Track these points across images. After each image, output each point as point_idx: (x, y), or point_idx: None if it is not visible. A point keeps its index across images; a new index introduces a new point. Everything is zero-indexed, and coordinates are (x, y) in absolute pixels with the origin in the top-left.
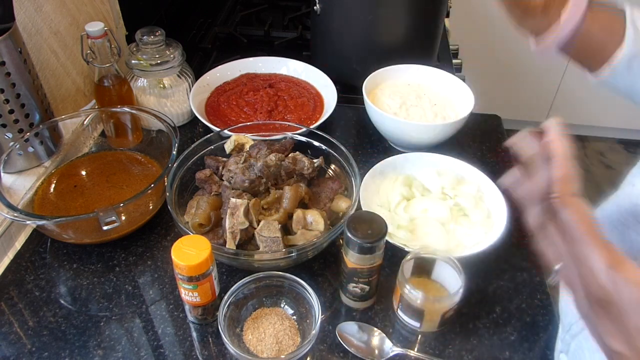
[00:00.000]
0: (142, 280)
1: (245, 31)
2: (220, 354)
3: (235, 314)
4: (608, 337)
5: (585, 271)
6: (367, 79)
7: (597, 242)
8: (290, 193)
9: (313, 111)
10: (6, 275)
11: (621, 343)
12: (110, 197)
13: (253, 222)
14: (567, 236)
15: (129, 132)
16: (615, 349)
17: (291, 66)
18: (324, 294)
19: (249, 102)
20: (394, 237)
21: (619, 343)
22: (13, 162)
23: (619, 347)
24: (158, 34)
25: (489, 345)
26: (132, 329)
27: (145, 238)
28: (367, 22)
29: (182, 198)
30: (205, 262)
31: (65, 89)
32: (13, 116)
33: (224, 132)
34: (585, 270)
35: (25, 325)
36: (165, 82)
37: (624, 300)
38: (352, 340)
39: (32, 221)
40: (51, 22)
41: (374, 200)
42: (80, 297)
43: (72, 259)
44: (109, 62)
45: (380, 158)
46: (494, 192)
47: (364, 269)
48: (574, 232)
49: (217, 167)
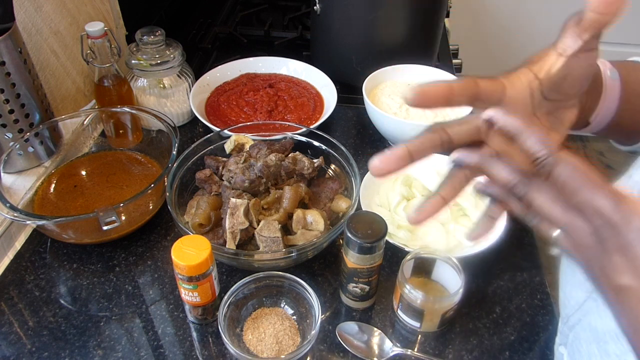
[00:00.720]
0: (142, 280)
1: (245, 31)
2: (220, 354)
3: (235, 314)
4: (616, 273)
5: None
6: (367, 79)
7: (599, 183)
8: (290, 193)
9: (313, 111)
10: (6, 275)
11: (630, 275)
12: (110, 197)
13: (253, 222)
14: (567, 191)
15: (129, 132)
16: (623, 284)
17: (291, 66)
18: (324, 294)
19: (249, 102)
20: (394, 237)
21: (627, 276)
22: (13, 162)
23: (627, 281)
24: (158, 34)
25: (489, 345)
26: (132, 329)
27: (145, 238)
28: (367, 22)
29: (182, 198)
30: (205, 262)
31: (65, 89)
32: (13, 116)
33: (224, 132)
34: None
35: (25, 325)
36: (165, 82)
37: (632, 230)
38: (352, 340)
39: (32, 221)
40: (51, 22)
41: (374, 200)
42: (80, 297)
43: (72, 259)
44: (109, 62)
45: None
46: None
47: (364, 269)
48: (573, 182)
49: (217, 167)
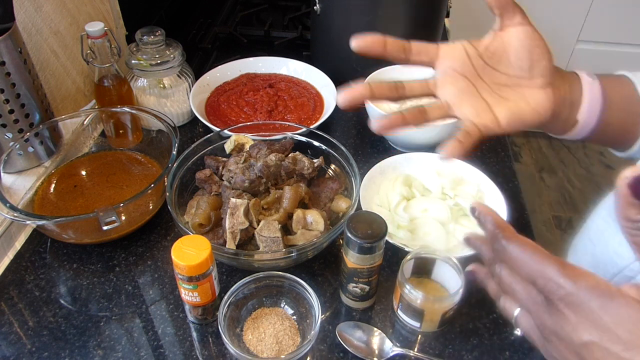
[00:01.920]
0: (142, 280)
1: (245, 31)
2: (220, 354)
3: (235, 314)
4: (577, 333)
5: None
6: (367, 79)
7: (545, 255)
8: (290, 193)
9: (313, 111)
10: (6, 275)
11: (590, 330)
12: (110, 197)
13: (253, 222)
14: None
15: (129, 132)
16: (586, 340)
17: (291, 66)
18: (324, 294)
19: (249, 102)
20: (394, 237)
21: (587, 331)
22: (13, 162)
23: (588, 337)
24: (158, 34)
25: (489, 345)
26: (132, 329)
27: (145, 238)
28: (367, 22)
29: (182, 198)
30: (205, 262)
31: (65, 89)
32: (13, 116)
33: (224, 132)
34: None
35: (25, 325)
36: (165, 82)
37: (581, 288)
38: (352, 340)
39: (32, 221)
40: (51, 22)
41: (374, 200)
42: (80, 297)
43: (72, 259)
44: (109, 62)
45: (380, 158)
46: (494, 192)
47: (364, 269)
48: (523, 257)
49: (217, 167)
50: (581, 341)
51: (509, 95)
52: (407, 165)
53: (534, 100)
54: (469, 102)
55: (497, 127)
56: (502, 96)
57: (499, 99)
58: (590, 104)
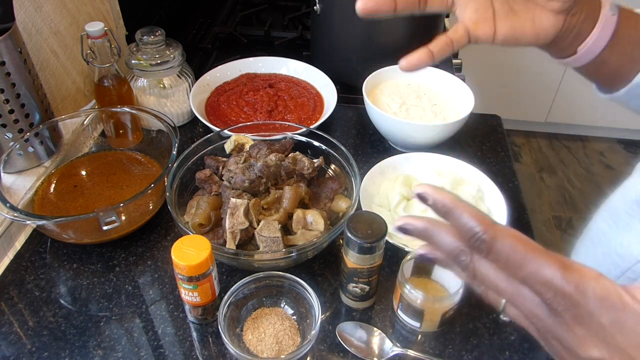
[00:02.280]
0: (142, 280)
1: (245, 31)
2: (220, 354)
3: (235, 314)
4: (584, 347)
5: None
6: (367, 79)
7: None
8: (290, 193)
9: (313, 111)
10: (6, 275)
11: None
12: (110, 197)
13: (253, 222)
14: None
15: (129, 132)
16: (594, 357)
17: (291, 66)
18: (324, 294)
19: (249, 102)
20: (394, 237)
21: (597, 348)
22: (13, 162)
23: (597, 353)
24: (158, 34)
25: (489, 345)
26: (132, 329)
27: (145, 238)
28: (367, 22)
29: (182, 198)
30: (205, 262)
31: (65, 89)
32: (13, 116)
33: (224, 132)
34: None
35: (25, 325)
36: (165, 82)
37: (589, 299)
38: (352, 340)
39: (32, 221)
40: (51, 22)
41: (374, 200)
42: (80, 297)
43: (72, 259)
44: (109, 62)
45: (380, 158)
46: (494, 192)
47: (364, 269)
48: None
49: (217, 167)
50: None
51: (519, 10)
52: (407, 165)
53: (540, 23)
54: (474, 5)
55: (490, 40)
56: (513, 9)
57: (508, 12)
58: (596, 40)
